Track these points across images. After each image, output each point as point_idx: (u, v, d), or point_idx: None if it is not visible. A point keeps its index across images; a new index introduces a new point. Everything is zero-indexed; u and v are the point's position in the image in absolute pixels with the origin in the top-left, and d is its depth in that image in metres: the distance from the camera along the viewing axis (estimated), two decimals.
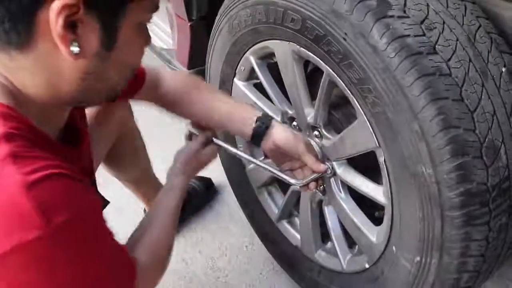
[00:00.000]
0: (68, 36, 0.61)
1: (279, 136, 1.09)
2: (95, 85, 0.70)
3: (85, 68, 0.66)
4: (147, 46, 0.74)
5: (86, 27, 0.62)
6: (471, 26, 0.88)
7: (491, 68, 0.87)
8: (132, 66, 0.75)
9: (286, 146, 1.09)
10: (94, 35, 0.63)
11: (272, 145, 1.10)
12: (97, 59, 0.66)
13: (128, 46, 0.68)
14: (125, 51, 0.68)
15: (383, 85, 0.86)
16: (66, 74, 0.66)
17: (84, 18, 0.61)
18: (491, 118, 0.85)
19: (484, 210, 0.86)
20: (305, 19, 0.96)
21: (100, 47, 0.65)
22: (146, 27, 0.72)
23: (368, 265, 1.15)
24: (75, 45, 0.62)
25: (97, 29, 0.63)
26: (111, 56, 0.67)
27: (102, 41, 0.65)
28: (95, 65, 0.66)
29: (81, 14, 0.60)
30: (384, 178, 1.00)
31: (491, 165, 0.85)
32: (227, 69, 1.32)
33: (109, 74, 0.70)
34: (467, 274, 0.93)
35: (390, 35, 0.83)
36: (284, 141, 1.09)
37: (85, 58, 0.64)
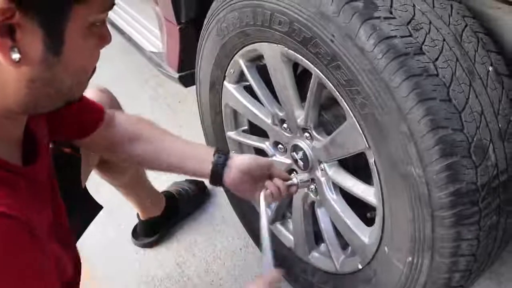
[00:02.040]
0: (6, 43, 0.57)
1: (242, 161, 1.06)
2: (46, 91, 0.65)
3: (31, 75, 0.61)
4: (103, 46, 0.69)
5: (25, 32, 0.57)
6: (457, 26, 0.89)
7: (478, 67, 0.87)
8: (86, 69, 0.70)
9: (253, 166, 1.06)
10: (37, 40, 0.59)
11: (238, 174, 1.05)
12: (44, 65, 0.61)
13: (79, 48, 0.64)
14: (77, 54, 0.64)
15: (371, 86, 0.86)
16: (10, 83, 0.62)
17: (21, 23, 0.57)
18: (479, 118, 0.85)
19: (474, 209, 0.87)
20: (293, 21, 0.96)
21: (45, 52, 0.60)
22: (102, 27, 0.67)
23: (361, 266, 1.15)
24: (15, 52, 0.58)
25: (39, 33, 0.59)
26: (60, 60, 0.62)
27: (47, 46, 0.60)
28: (41, 71, 0.62)
29: (18, 18, 0.56)
30: (374, 179, 1.00)
31: (480, 165, 0.85)
32: (217, 72, 1.31)
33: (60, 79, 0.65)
34: (458, 273, 0.94)
35: (377, 36, 0.83)
36: (249, 162, 1.06)
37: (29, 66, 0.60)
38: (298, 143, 1.19)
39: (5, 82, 0.62)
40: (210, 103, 1.40)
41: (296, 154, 1.21)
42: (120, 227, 1.77)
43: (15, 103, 0.65)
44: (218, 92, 1.35)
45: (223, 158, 1.06)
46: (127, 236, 1.73)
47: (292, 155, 1.22)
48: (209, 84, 1.36)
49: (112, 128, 1.06)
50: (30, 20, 0.57)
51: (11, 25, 0.56)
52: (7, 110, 0.66)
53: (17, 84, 0.62)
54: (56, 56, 0.62)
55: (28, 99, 0.65)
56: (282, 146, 1.26)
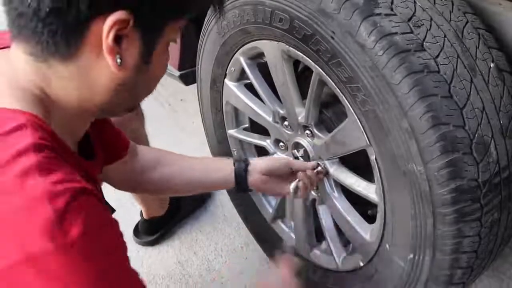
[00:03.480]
0: (115, 49, 0.64)
1: (262, 164, 1.12)
2: (124, 96, 0.72)
3: (122, 79, 0.68)
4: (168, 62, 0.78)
5: (130, 41, 0.64)
6: (458, 22, 0.88)
7: (479, 64, 0.87)
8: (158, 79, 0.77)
9: (275, 166, 1.12)
10: (136, 49, 0.66)
11: (260, 176, 1.12)
12: (135, 71, 0.68)
13: (159, 60, 0.71)
14: (157, 65, 0.71)
15: (372, 83, 0.86)
16: (102, 84, 0.68)
17: (130, 33, 0.64)
18: (480, 114, 0.85)
19: (476, 206, 0.86)
20: (293, 18, 0.96)
21: (139, 60, 0.68)
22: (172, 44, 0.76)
23: (362, 263, 1.15)
24: (118, 58, 0.64)
25: (139, 44, 0.66)
26: (146, 69, 0.70)
27: (142, 56, 0.67)
28: (131, 77, 0.69)
29: (129, 29, 0.63)
30: (375, 176, 1.00)
31: (481, 161, 0.85)
32: (218, 70, 1.31)
33: (139, 86, 0.72)
34: (460, 270, 0.93)
35: (377, 33, 0.83)
36: (270, 164, 1.12)
37: (124, 70, 0.67)
38: (299, 141, 1.19)
39: (98, 84, 0.68)
40: (211, 101, 1.40)
41: (297, 152, 1.20)
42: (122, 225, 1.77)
43: (96, 105, 0.71)
44: (219, 90, 1.35)
45: (243, 165, 1.12)
46: (129, 234, 1.74)
47: (293, 153, 1.22)
48: (210, 82, 1.36)
49: (135, 157, 1.11)
50: (136, 32, 0.64)
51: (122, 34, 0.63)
52: (85, 110, 0.72)
53: (108, 85, 0.68)
54: (145, 64, 0.69)
55: (110, 100, 0.71)
56: (283, 144, 1.26)
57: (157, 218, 1.68)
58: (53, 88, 0.68)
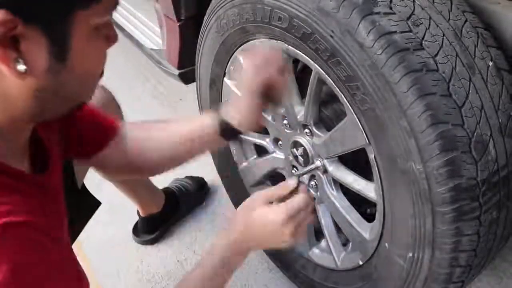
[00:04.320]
0: (10, 55, 0.55)
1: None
2: (53, 100, 0.64)
3: (37, 84, 0.59)
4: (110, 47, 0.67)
5: (29, 41, 0.55)
6: (457, 21, 0.88)
7: (478, 62, 0.87)
8: (94, 73, 0.68)
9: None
10: (41, 48, 0.57)
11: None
12: (50, 73, 0.59)
13: (85, 52, 0.62)
14: (83, 59, 0.62)
15: (371, 82, 0.86)
16: (16, 94, 0.60)
17: (25, 32, 0.55)
18: (479, 113, 0.85)
19: (475, 204, 0.87)
20: (292, 17, 0.96)
21: (51, 60, 0.59)
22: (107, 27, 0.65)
23: (361, 262, 1.15)
24: (20, 63, 0.56)
25: (43, 42, 0.57)
26: (67, 66, 0.60)
27: (52, 54, 0.58)
28: (48, 80, 0.60)
29: (20, 28, 0.54)
30: (375, 175, 1.00)
31: (480, 160, 0.85)
32: (217, 69, 1.31)
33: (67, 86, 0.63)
34: (459, 269, 0.94)
35: (376, 32, 0.83)
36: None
37: (34, 76, 0.58)
38: (298, 140, 1.19)
39: (11, 93, 0.60)
40: (211, 100, 1.40)
41: (296, 151, 1.20)
42: (122, 224, 1.77)
43: (22, 113, 0.64)
44: (218, 89, 1.35)
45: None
46: (128, 233, 1.74)
47: (292, 152, 1.22)
48: (209, 81, 1.36)
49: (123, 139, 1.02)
50: (33, 30, 0.55)
51: (15, 36, 0.54)
52: (13, 121, 0.65)
53: (23, 94, 0.60)
54: (62, 62, 0.60)
55: (35, 108, 0.63)
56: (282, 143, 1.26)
57: (155, 216, 1.68)
58: None
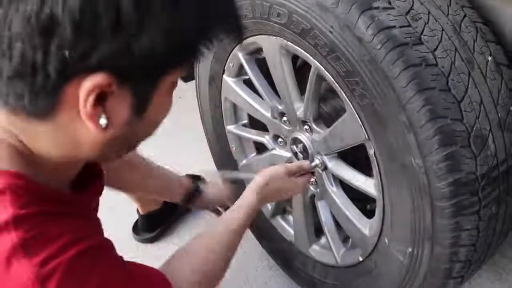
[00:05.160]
0: (97, 111, 0.56)
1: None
2: (117, 148, 0.66)
3: (112, 136, 0.60)
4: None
5: (116, 99, 0.56)
6: (456, 16, 0.89)
7: (477, 57, 0.87)
8: (161, 121, 0.68)
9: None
10: (125, 105, 0.58)
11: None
12: (127, 126, 0.60)
13: (160, 105, 0.63)
14: (157, 111, 0.63)
15: (370, 77, 0.86)
16: (88, 142, 0.61)
17: (116, 91, 0.56)
18: (478, 107, 0.85)
19: (474, 199, 0.87)
20: (291, 13, 0.96)
21: (131, 114, 0.59)
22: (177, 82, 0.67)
23: (361, 258, 1.15)
24: (103, 118, 0.57)
25: (129, 99, 0.58)
26: (143, 119, 0.62)
27: (134, 110, 0.59)
28: (123, 132, 0.61)
29: (113, 87, 0.55)
30: (374, 170, 1.00)
31: (479, 154, 0.85)
32: (216, 66, 1.31)
33: (135, 136, 0.65)
34: (459, 264, 0.94)
35: (375, 27, 0.83)
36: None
37: (113, 128, 0.59)
38: (298, 136, 1.19)
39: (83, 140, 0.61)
40: (210, 97, 1.40)
41: (296, 147, 1.21)
42: (121, 223, 1.77)
43: (87, 156, 0.65)
44: (217, 86, 1.35)
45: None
46: (128, 231, 1.74)
47: (292, 148, 1.22)
48: (208, 78, 1.36)
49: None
50: (123, 89, 0.56)
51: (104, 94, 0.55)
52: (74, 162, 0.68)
53: (95, 142, 0.61)
54: (139, 117, 0.61)
55: (99, 154, 0.64)
56: (282, 139, 1.26)
57: (154, 214, 1.68)
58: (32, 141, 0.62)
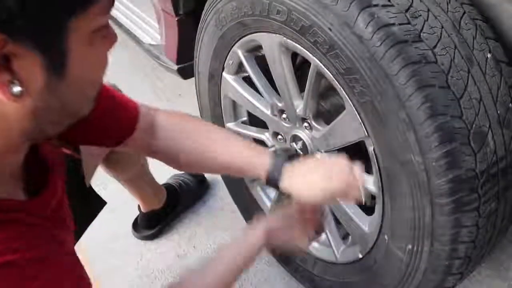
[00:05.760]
0: (4, 77, 0.49)
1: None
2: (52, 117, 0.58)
3: (34, 104, 0.54)
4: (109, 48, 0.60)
5: (23, 60, 0.50)
6: (455, 13, 0.89)
7: (476, 54, 0.87)
8: (95, 81, 0.61)
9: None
10: (36, 65, 0.51)
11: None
12: (47, 90, 0.53)
13: (85, 61, 0.55)
14: (82, 69, 0.55)
15: (369, 74, 0.87)
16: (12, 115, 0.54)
17: (16, 51, 0.49)
18: (477, 105, 0.85)
19: (473, 196, 0.87)
20: (291, 10, 0.96)
21: (47, 76, 0.53)
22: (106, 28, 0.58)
23: (361, 255, 1.15)
24: (16, 84, 0.50)
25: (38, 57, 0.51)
26: (65, 80, 0.54)
27: (48, 69, 0.52)
28: (45, 98, 0.54)
29: (11, 47, 0.48)
30: (374, 167, 1.00)
31: (479, 151, 0.85)
32: (216, 64, 1.31)
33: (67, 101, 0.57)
34: (458, 260, 0.94)
35: (375, 24, 0.83)
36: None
37: (31, 96, 0.52)
38: (298, 133, 1.19)
39: (6, 115, 0.54)
40: (209, 94, 1.40)
41: (295, 144, 1.21)
42: (121, 220, 1.78)
43: (19, 135, 0.58)
44: (217, 84, 1.35)
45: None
46: (128, 229, 1.74)
47: (291, 145, 1.22)
48: (208, 76, 1.36)
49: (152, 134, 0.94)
50: (25, 46, 0.49)
51: (5, 55, 0.49)
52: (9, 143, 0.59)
53: (19, 115, 0.55)
54: (59, 77, 0.54)
55: (33, 128, 0.57)
56: (281, 137, 1.26)
57: (155, 212, 1.68)
58: None
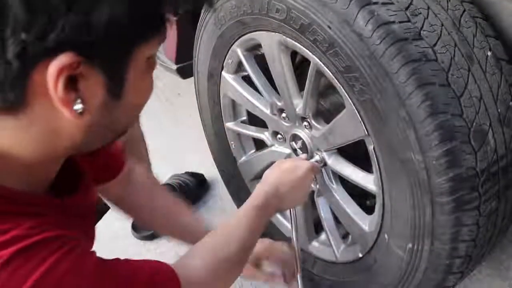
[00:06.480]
0: (70, 96, 0.54)
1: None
2: (102, 133, 0.63)
3: (91, 122, 0.58)
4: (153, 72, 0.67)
5: (88, 80, 0.54)
6: (455, 11, 0.88)
7: (477, 52, 0.87)
8: (142, 104, 0.67)
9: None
10: (99, 86, 0.56)
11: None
12: (105, 110, 0.58)
13: (138, 86, 0.61)
14: (136, 93, 0.61)
15: (369, 72, 0.86)
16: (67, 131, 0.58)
17: (85, 72, 0.53)
18: (478, 103, 0.85)
19: (474, 195, 0.87)
20: (290, 8, 0.96)
21: (107, 97, 0.57)
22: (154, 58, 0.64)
23: (361, 254, 1.15)
24: (78, 103, 0.54)
25: (102, 80, 0.56)
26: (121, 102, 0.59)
27: (109, 91, 0.57)
28: (101, 116, 0.59)
29: (82, 68, 0.53)
30: (374, 166, 1.00)
31: (479, 150, 0.85)
32: (215, 63, 1.31)
33: (118, 120, 0.63)
34: (458, 259, 0.94)
35: (375, 22, 0.83)
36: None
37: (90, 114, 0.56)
38: (297, 133, 1.19)
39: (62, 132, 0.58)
40: (209, 94, 1.40)
41: (295, 144, 1.20)
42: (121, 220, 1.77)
43: (67, 148, 0.62)
44: (216, 83, 1.35)
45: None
46: (128, 229, 1.74)
47: (291, 145, 1.22)
48: (207, 75, 1.36)
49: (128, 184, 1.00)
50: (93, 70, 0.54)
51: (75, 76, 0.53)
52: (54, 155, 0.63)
53: (74, 130, 0.58)
54: (117, 99, 0.59)
55: (82, 143, 0.61)
56: (281, 136, 1.26)
57: None
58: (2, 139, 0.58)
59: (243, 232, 0.87)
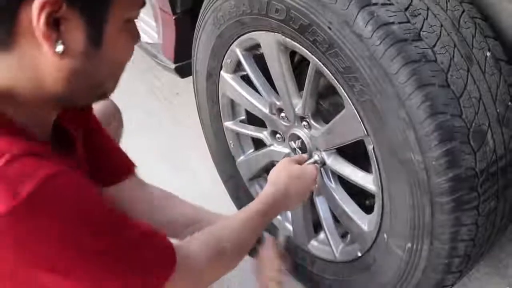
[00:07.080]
0: (52, 35, 0.60)
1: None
2: (83, 85, 0.68)
3: (71, 66, 0.64)
4: (136, 43, 0.73)
5: (70, 24, 0.61)
6: (455, 12, 0.89)
7: (476, 53, 0.87)
8: (122, 63, 0.72)
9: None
10: (80, 32, 0.62)
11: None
12: (84, 57, 0.64)
13: (116, 42, 0.67)
14: (114, 48, 0.67)
15: (369, 73, 0.86)
16: (51, 74, 0.64)
17: (67, 15, 0.60)
18: (477, 103, 0.85)
19: (473, 195, 0.87)
20: (290, 9, 0.96)
21: (87, 44, 0.64)
22: (134, 24, 0.71)
23: (360, 254, 1.15)
24: (59, 44, 0.61)
25: (82, 25, 0.62)
26: (100, 52, 0.65)
27: (89, 38, 0.63)
28: (81, 63, 0.65)
29: (64, 10, 0.59)
30: (373, 166, 1.00)
31: (478, 150, 0.85)
32: (214, 62, 1.31)
33: (97, 73, 0.68)
34: (458, 259, 0.94)
35: (374, 23, 0.83)
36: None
37: (71, 57, 0.63)
38: (296, 132, 1.19)
39: (44, 73, 0.64)
40: (207, 93, 1.40)
41: (294, 143, 1.20)
42: None
43: (52, 94, 0.67)
44: (215, 82, 1.34)
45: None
46: None
47: (290, 144, 1.22)
48: (206, 74, 1.36)
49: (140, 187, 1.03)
50: (75, 12, 0.60)
51: (57, 18, 0.59)
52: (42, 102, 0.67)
53: (56, 75, 0.64)
54: (96, 48, 0.65)
55: (65, 91, 0.66)
56: (280, 136, 1.26)
57: None
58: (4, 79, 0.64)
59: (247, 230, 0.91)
